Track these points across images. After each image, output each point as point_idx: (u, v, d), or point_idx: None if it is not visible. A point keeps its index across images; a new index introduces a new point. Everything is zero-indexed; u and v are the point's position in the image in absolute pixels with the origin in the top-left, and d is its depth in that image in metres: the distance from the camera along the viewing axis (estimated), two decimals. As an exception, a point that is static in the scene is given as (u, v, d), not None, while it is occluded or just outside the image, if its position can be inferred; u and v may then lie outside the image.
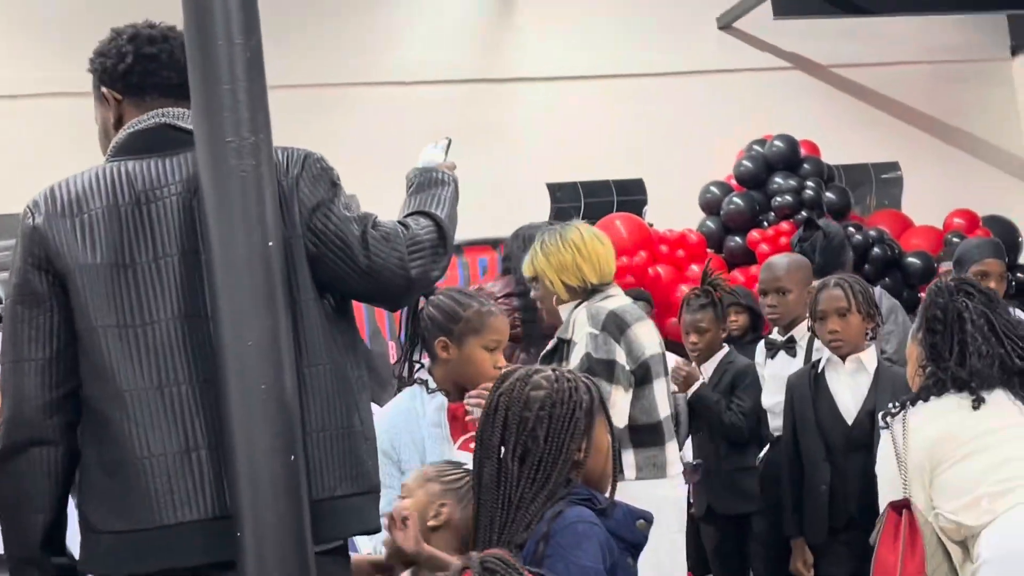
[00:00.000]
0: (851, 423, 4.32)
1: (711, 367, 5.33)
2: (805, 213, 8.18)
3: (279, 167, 2.32)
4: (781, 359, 4.92)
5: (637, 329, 3.98)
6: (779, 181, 8.34)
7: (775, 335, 5.07)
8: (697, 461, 5.07)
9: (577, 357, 3.92)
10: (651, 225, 8.51)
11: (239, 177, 2.16)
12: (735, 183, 8.57)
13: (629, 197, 8.88)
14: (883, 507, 3.40)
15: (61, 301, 2.30)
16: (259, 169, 2.18)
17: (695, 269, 8.20)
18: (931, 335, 3.39)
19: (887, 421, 3.40)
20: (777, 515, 4.68)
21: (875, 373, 4.35)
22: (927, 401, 3.37)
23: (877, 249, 8.21)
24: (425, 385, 3.27)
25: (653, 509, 2.58)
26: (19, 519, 2.36)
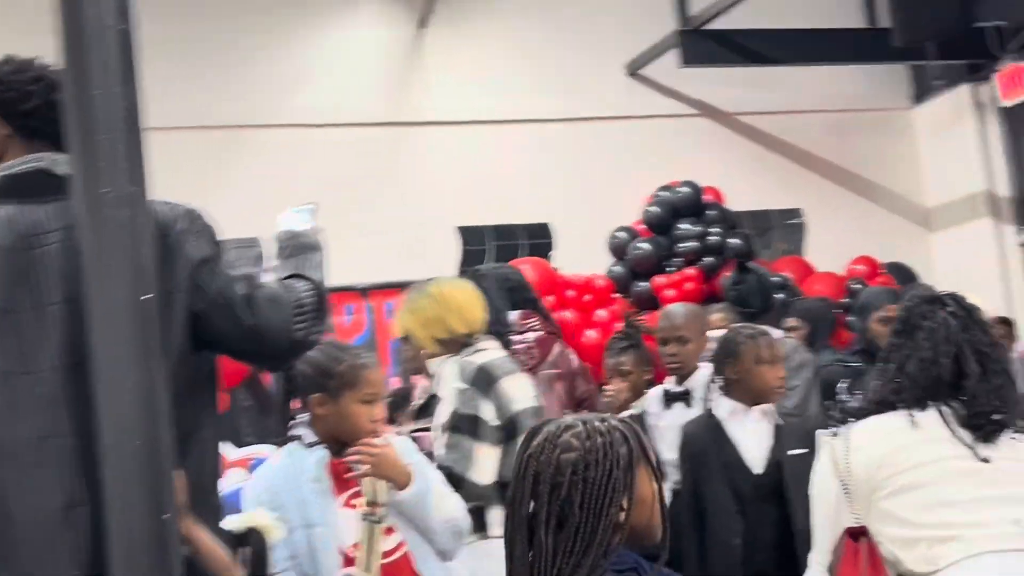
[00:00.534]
0: (759, 473, 4.29)
1: (636, 411, 5.28)
2: (710, 259, 8.27)
3: (164, 220, 2.28)
4: (678, 410, 4.87)
5: (506, 383, 3.92)
6: (684, 227, 8.42)
7: (670, 385, 4.95)
8: None
9: (444, 412, 3.87)
10: (558, 269, 8.54)
11: (115, 227, 2.11)
12: (642, 228, 8.64)
13: (538, 241, 8.91)
14: (817, 532, 3.22)
15: None
16: (136, 220, 2.13)
17: (602, 314, 8.24)
18: (893, 337, 3.22)
19: (826, 442, 3.20)
20: (678, 569, 4.59)
21: (779, 423, 4.29)
22: (871, 416, 3.18)
23: (780, 295, 8.31)
24: (301, 440, 3.21)
25: None
26: None
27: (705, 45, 8.84)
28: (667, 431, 4.73)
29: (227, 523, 2.56)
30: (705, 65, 9.03)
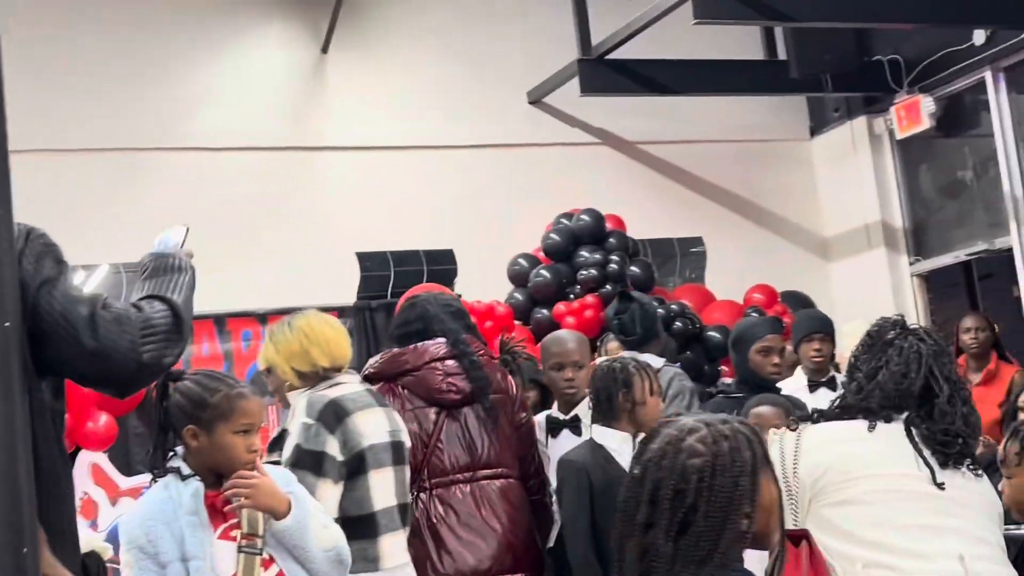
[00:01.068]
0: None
1: None
2: (610, 286, 8.31)
3: None
4: (566, 437, 4.82)
5: (358, 418, 3.86)
6: (585, 254, 8.46)
7: (556, 412, 4.91)
8: None
9: (288, 447, 3.79)
10: (459, 296, 8.52)
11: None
12: (542, 256, 8.67)
13: (439, 267, 8.86)
14: None
15: None
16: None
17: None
18: (858, 350, 3.18)
19: (777, 436, 3.09)
20: None
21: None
22: (828, 421, 3.12)
23: (679, 323, 8.37)
24: (178, 473, 3.15)
25: None
26: None
27: (606, 74, 8.90)
28: (555, 460, 4.68)
29: None
30: (606, 94, 9.08)
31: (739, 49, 9.70)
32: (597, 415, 4.39)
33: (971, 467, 3.03)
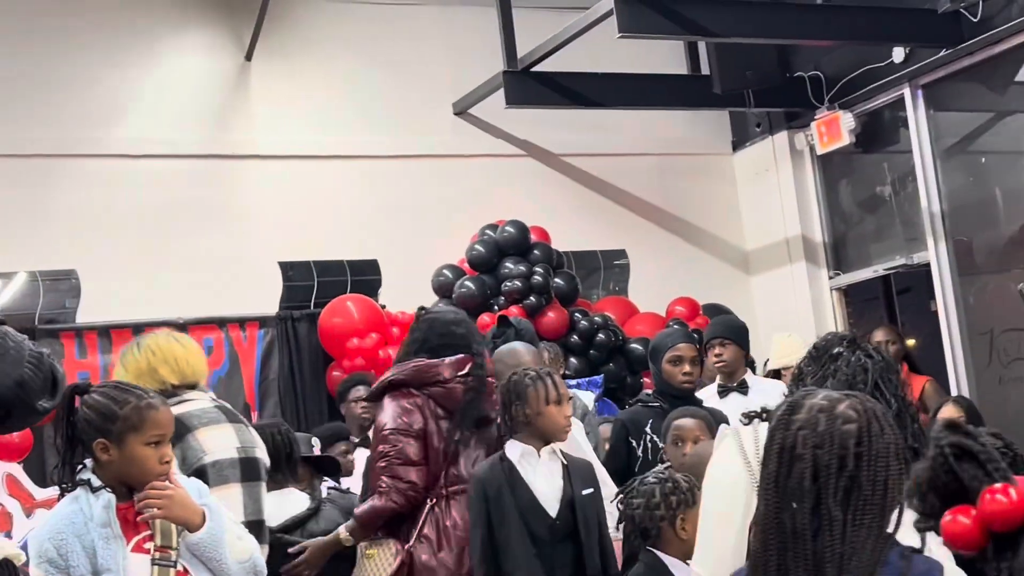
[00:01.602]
0: (555, 514, 4.30)
1: None
2: (534, 298, 8.34)
3: None
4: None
5: (200, 434, 3.84)
6: (509, 266, 8.49)
7: None
8: None
9: None
10: (384, 307, 8.50)
11: None
12: (467, 267, 8.67)
13: (363, 277, 8.83)
14: (704, 539, 3.10)
15: None
16: None
17: (426, 352, 8.22)
18: (804, 362, 3.13)
19: (730, 431, 3.11)
20: None
21: (565, 463, 4.33)
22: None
23: (601, 335, 8.43)
24: (88, 485, 3.10)
25: None
26: None
27: (531, 86, 8.92)
28: None
29: None
30: (531, 106, 9.09)
31: (663, 63, 9.77)
32: (504, 428, 4.42)
33: None
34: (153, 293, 8.29)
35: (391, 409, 4.51)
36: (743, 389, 6.16)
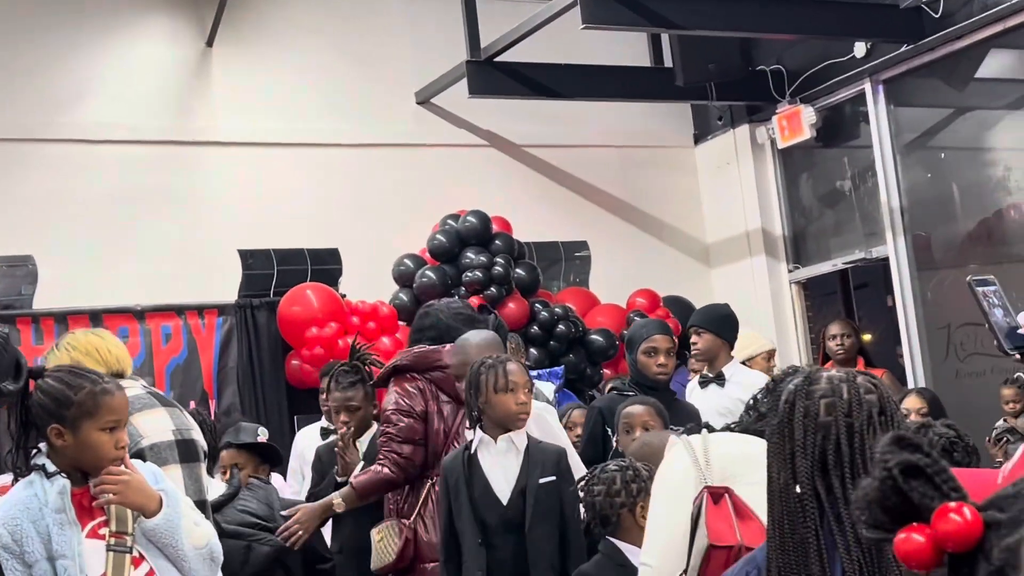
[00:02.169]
0: (505, 503, 4.30)
1: (363, 444, 5.22)
2: (495, 289, 8.33)
3: None
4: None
5: (136, 419, 3.73)
6: (471, 256, 8.47)
7: None
8: None
9: None
10: (344, 296, 8.46)
11: None
12: (428, 257, 8.65)
13: (324, 266, 8.78)
14: (652, 532, 3.11)
15: None
16: None
17: (386, 342, 8.20)
18: (761, 392, 3.16)
19: (679, 440, 3.11)
20: None
21: (525, 450, 4.33)
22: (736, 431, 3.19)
23: (562, 326, 8.43)
24: (43, 470, 3.06)
25: None
26: None
27: (494, 76, 8.91)
28: None
29: None
30: (493, 96, 9.08)
31: (626, 55, 9.78)
32: (469, 417, 4.46)
33: None
34: (111, 279, 8.22)
35: (395, 392, 4.80)
36: (720, 381, 6.13)
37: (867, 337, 9.21)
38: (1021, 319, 3.16)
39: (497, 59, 8.83)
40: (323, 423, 6.38)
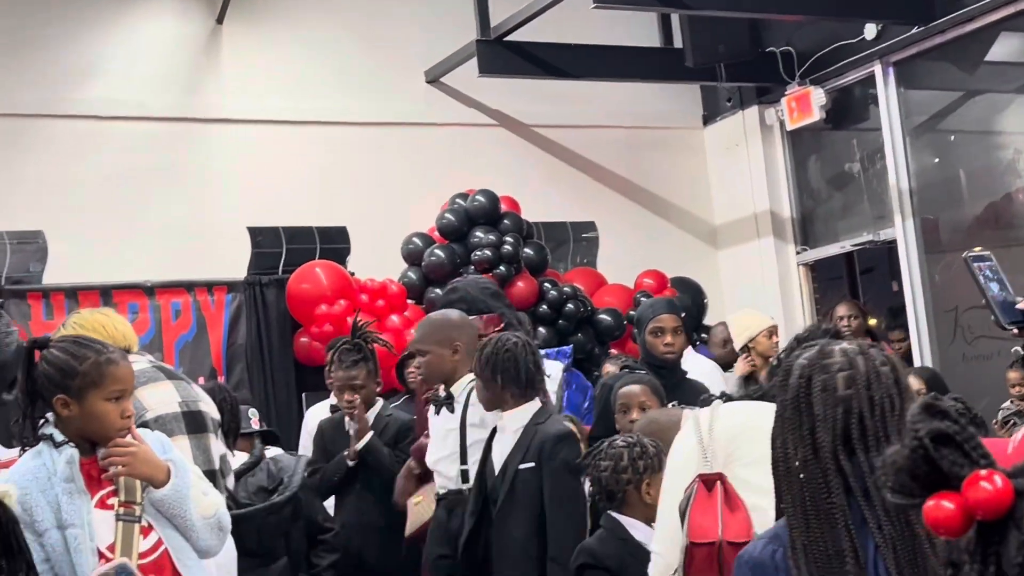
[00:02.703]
0: (490, 485, 4.38)
1: (368, 421, 5.26)
2: (504, 268, 8.34)
3: None
4: (444, 415, 4.89)
5: (141, 392, 3.78)
6: (479, 235, 8.48)
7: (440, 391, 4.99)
8: None
9: None
10: (353, 274, 8.48)
11: None
12: (437, 235, 8.66)
13: (332, 245, 8.80)
14: (663, 517, 3.10)
15: None
16: None
17: (395, 320, 8.23)
18: (784, 352, 3.00)
19: (692, 413, 3.11)
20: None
21: (522, 431, 4.38)
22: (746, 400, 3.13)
23: (571, 305, 8.45)
24: (51, 440, 3.08)
25: None
26: None
27: (504, 56, 8.91)
28: (433, 436, 4.91)
29: None
30: (503, 76, 9.08)
31: (636, 36, 9.77)
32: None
33: None
34: (121, 255, 8.25)
35: None
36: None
37: (873, 322, 9.21)
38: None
39: (507, 38, 8.83)
40: (332, 400, 6.41)
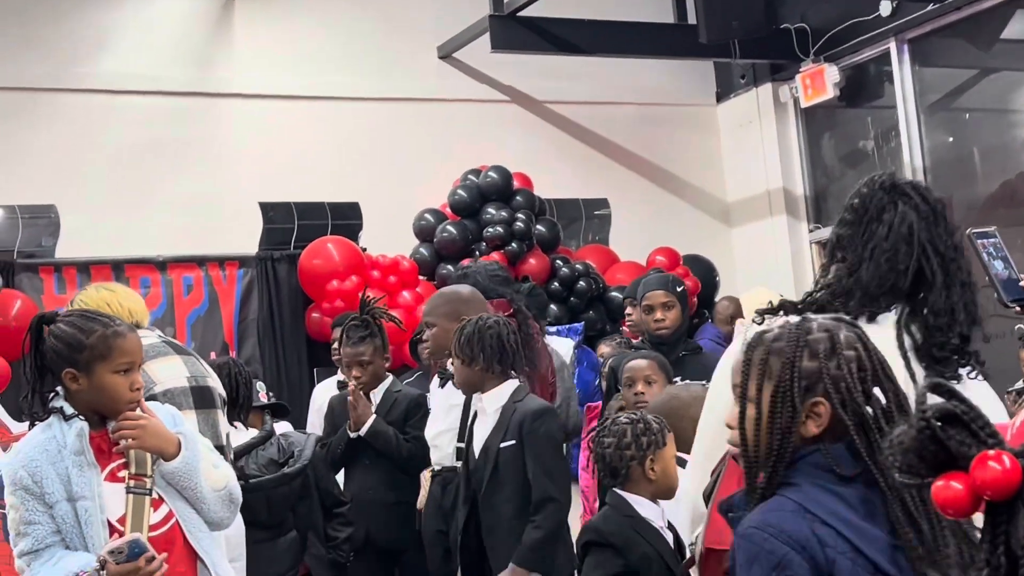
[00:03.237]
0: (472, 465, 4.39)
1: (376, 398, 5.25)
2: (516, 244, 8.33)
3: None
4: (449, 389, 4.91)
5: (150, 366, 3.82)
6: (492, 212, 8.47)
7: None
8: None
9: None
10: (364, 250, 8.48)
11: None
12: (449, 212, 8.65)
13: (344, 221, 8.80)
14: (697, 447, 2.91)
15: None
16: None
17: (406, 296, 8.23)
18: (841, 226, 2.74)
19: (744, 326, 2.80)
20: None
21: (501, 411, 4.37)
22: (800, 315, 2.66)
23: (583, 283, 8.44)
24: (61, 413, 3.08)
25: None
26: None
27: (517, 31, 8.88)
28: (435, 410, 5.04)
29: None
30: (516, 51, 9.05)
31: (649, 12, 9.72)
32: None
33: (971, 372, 2.68)
34: (133, 230, 8.25)
35: None
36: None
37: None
38: None
39: (520, 14, 8.80)
40: (340, 376, 6.42)
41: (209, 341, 8.03)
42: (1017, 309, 2.92)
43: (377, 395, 5.25)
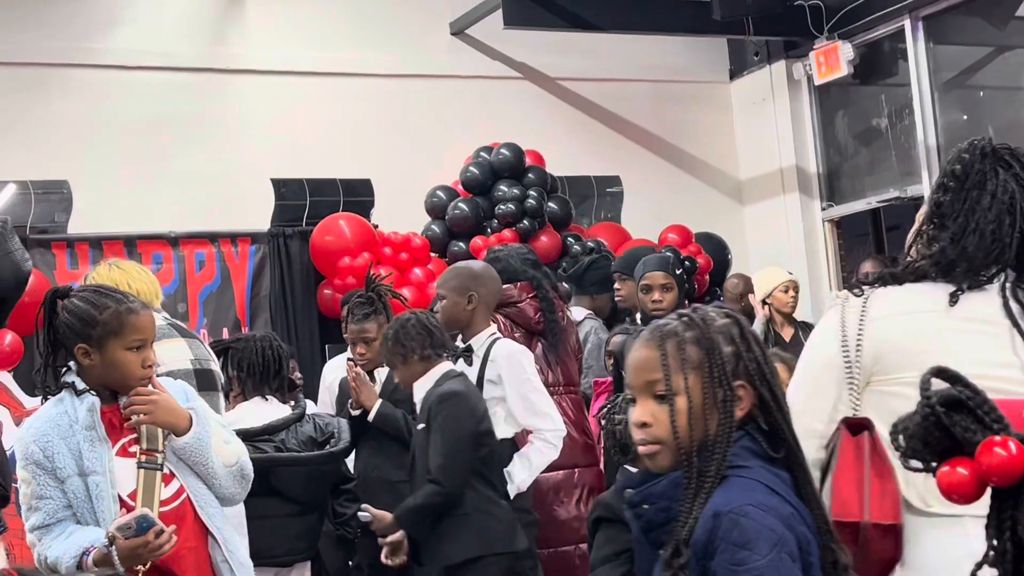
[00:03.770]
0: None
1: (381, 376, 5.23)
2: (528, 222, 8.33)
3: None
4: (461, 365, 4.88)
5: (154, 348, 3.93)
6: (503, 189, 8.46)
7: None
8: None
9: None
10: (376, 226, 8.49)
11: None
12: (461, 189, 8.64)
13: (356, 197, 8.81)
14: (799, 401, 2.50)
15: None
16: None
17: (418, 273, 8.23)
18: (940, 192, 2.58)
19: (840, 300, 2.60)
20: None
21: (424, 396, 4.51)
22: (901, 284, 2.56)
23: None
24: (72, 388, 3.09)
25: None
26: None
27: (530, 8, 8.84)
28: None
29: None
30: (528, 28, 9.02)
31: (663, -12, 9.68)
32: None
33: None
34: (145, 206, 8.26)
35: None
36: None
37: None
38: None
39: (533, -10, 8.76)
40: (349, 353, 6.43)
41: (221, 317, 8.05)
42: None
43: (382, 373, 5.23)
